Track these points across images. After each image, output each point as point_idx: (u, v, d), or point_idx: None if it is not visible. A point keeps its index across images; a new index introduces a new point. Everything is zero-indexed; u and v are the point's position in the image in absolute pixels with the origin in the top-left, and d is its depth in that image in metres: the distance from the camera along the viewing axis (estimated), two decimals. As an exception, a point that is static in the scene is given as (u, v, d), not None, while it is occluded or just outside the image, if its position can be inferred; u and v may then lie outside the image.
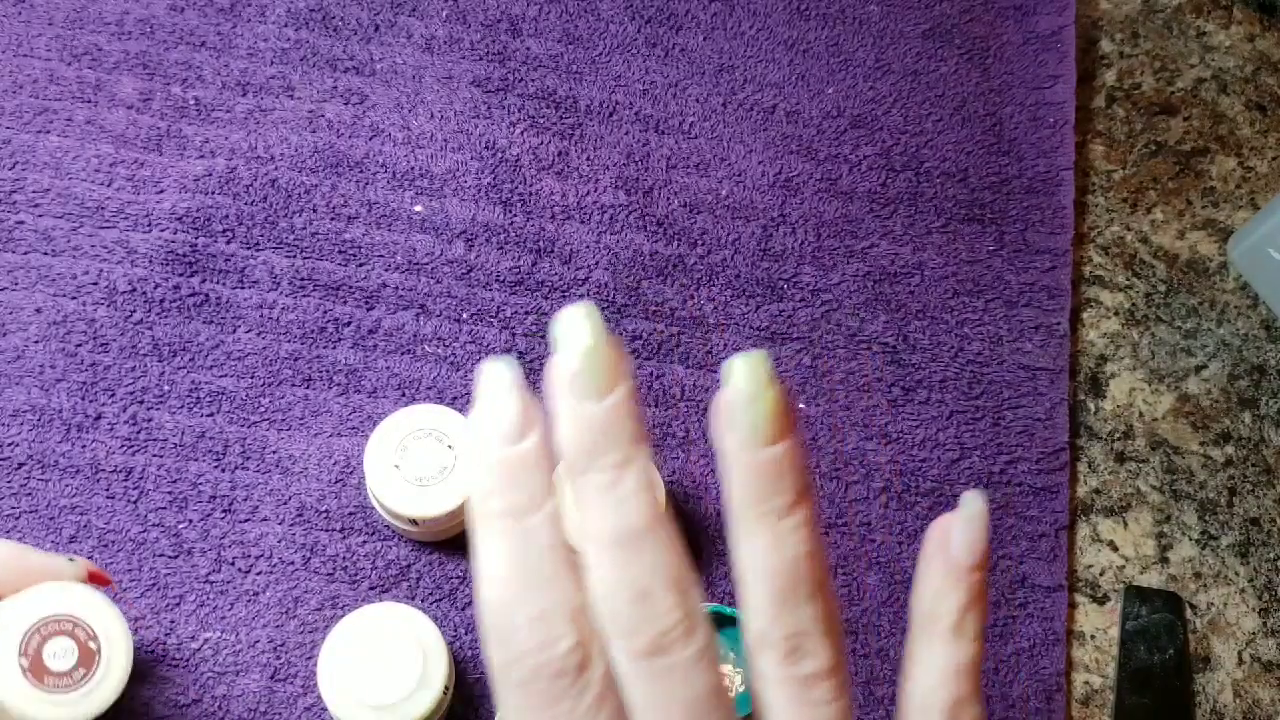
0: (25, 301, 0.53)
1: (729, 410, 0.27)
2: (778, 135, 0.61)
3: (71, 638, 0.39)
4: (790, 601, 0.26)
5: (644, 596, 0.26)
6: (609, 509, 0.26)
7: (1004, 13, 0.65)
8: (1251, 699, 0.53)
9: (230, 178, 0.56)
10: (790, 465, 0.27)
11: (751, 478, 0.27)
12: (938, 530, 0.29)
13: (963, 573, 0.28)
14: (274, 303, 0.54)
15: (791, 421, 0.27)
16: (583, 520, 0.27)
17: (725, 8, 0.64)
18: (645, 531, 0.26)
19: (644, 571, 0.26)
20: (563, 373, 0.26)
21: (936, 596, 0.28)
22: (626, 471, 0.26)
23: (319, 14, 0.61)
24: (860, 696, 0.50)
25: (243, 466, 0.51)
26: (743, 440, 0.27)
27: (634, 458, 0.26)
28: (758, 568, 0.27)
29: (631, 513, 0.26)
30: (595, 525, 0.26)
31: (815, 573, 0.27)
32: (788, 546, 0.26)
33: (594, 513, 0.26)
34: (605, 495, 0.26)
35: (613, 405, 0.26)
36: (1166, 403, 0.58)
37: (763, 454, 0.26)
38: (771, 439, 0.26)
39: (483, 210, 0.57)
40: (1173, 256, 0.62)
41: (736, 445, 0.27)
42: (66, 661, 0.39)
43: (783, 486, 0.27)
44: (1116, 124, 0.65)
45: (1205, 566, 0.55)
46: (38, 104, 0.57)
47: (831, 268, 0.58)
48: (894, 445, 0.55)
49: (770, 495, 0.27)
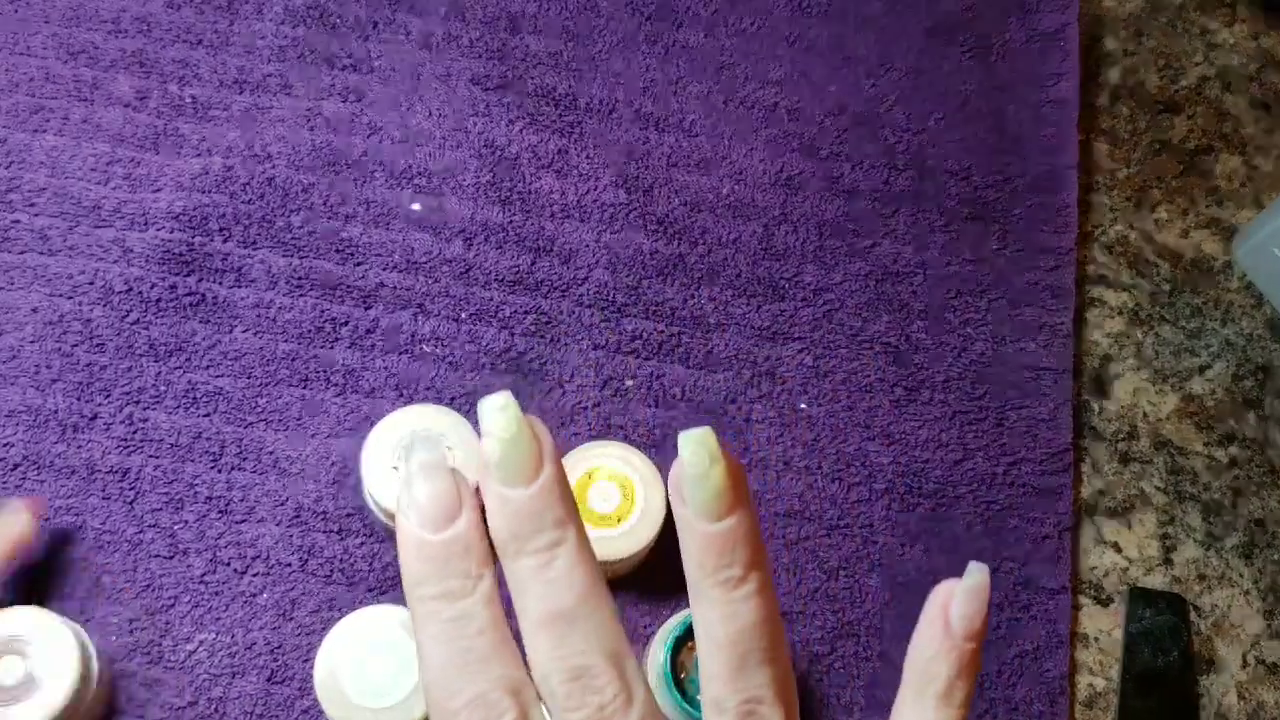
0: (21, 301, 0.53)
1: (680, 484, 0.28)
2: (779, 133, 0.60)
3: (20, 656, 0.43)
4: (744, 669, 0.27)
5: (580, 673, 0.27)
6: (541, 591, 0.27)
7: (1007, 10, 0.65)
8: (1256, 701, 0.52)
9: (227, 176, 0.56)
10: (742, 537, 0.28)
11: (704, 550, 0.28)
12: (941, 594, 0.30)
13: (957, 642, 0.29)
14: (271, 302, 0.54)
15: (741, 493, 0.28)
16: (516, 602, 0.28)
17: (726, 4, 0.63)
18: (578, 609, 0.27)
19: (578, 649, 0.27)
20: (486, 461, 0.27)
21: (930, 660, 0.29)
22: (557, 552, 0.27)
23: (316, 11, 0.60)
24: (862, 700, 0.50)
25: (239, 467, 0.51)
26: (694, 514, 0.28)
27: (563, 539, 0.27)
28: (713, 635, 0.28)
29: (563, 592, 0.27)
30: (529, 607, 0.27)
31: (768, 639, 0.28)
32: (741, 615, 0.28)
33: (527, 595, 0.27)
34: (537, 578, 0.27)
35: (538, 490, 0.27)
36: (1171, 403, 0.58)
37: (714, 527, 0.27)
38: (721, 514, 0.27)
39: (481, 209, 0.57)
40: (1177, 255, 0.61)
41: (689, 518, 0.28)
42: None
43: (735, 558, 0.27)
44: (1120, 122, 0.64)
45: (1209, 568, 0.55)
46: (33, 102, 0.57)
47: (833, 267, 0.58)
48: (896, 446, 0.54)
49: (723, 567, 0.27)
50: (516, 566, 0.27)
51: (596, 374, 0.54)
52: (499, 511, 0.27)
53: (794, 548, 0.52)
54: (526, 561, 0.27)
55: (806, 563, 0.52)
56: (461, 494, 0.28)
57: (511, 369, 0.54)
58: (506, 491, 0.27)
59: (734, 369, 0.55)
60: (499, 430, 0.27)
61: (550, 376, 0.54)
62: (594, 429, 0.53)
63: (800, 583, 0.51)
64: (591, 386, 0.54)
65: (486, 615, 0.27)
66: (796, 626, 0.51)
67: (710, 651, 0.28)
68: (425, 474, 0.28)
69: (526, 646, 0.27)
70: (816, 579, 0.52)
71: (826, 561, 0.52)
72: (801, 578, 0.52)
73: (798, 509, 0.53)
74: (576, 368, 0.54)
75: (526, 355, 0.54)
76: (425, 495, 0.27)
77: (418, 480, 0.28)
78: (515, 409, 0.27)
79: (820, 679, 0.50)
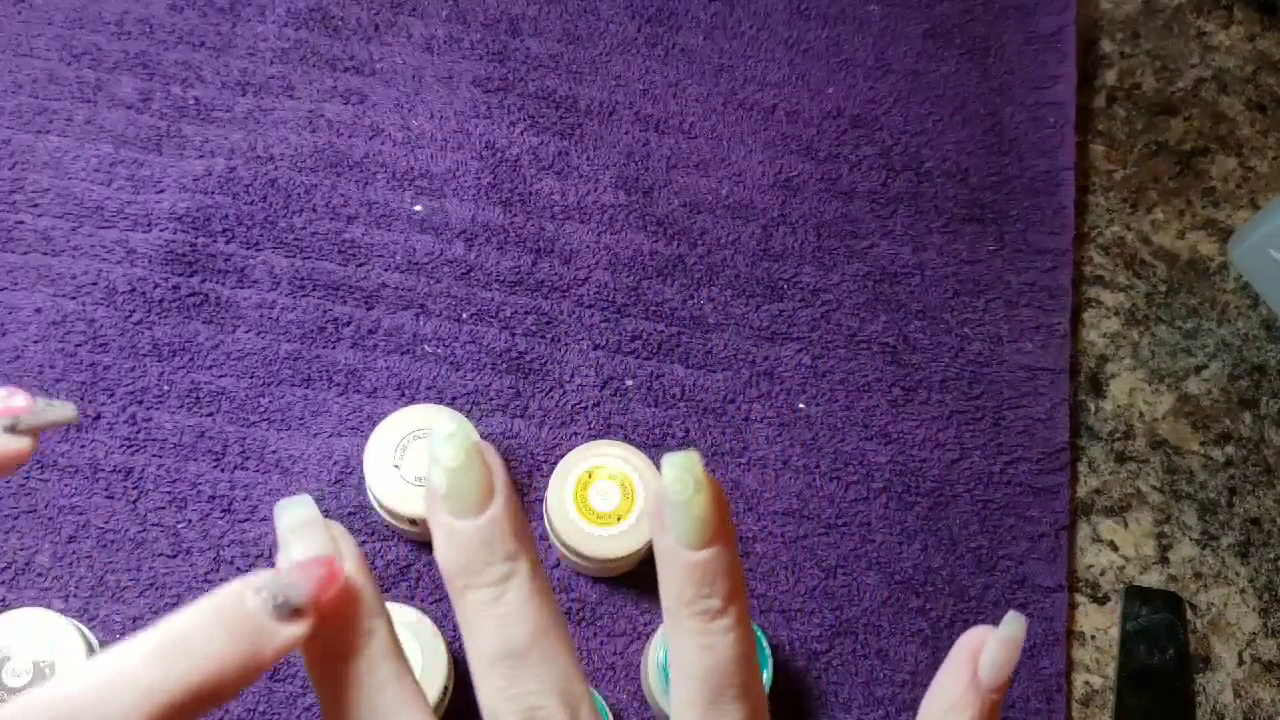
0: (25, 301, 0.53)
1: (661, 510, 0.27)
2: (778, 135, 0.61)
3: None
4: (718, 704, 0.27)
5: (532, 714, 0.26)
6: (492, 627, 0.26)
7: (1004, 13, 0.65)
8: (1252, 699, 0.53)
9: (230, 177, 0.56)
10: (722, 568, 0.27)
11: (683, 579, 0.27)
12: (972, 640, 0.28)
13: (982, 692, 0.28)
14: (273, 303, 0.54)
15: (724, 523, 0.27)
16: (466, 638, 0.27)
17: (725, 7, 0.64)
18: (530, 647, 0.26)
19: (530, 688, 0.26)
20: (433, 492, 0.26)
21: (950, 709, 0.28)
22: (508, 586, 0.26)
23: (319, 14, 0.61)
24: (860, 697, 0.50)
25: (242, 466, 0.51)
26: (675, 542, 0.27)
27: (515, 572, 0.26)
28: (688, 666, 0.27)
29: (515, 629, 0.26)
30: (478, 643, 0.26)
31: (744, 674, 0.27)
32: (718, 648, 0.27)
33: (478, 631, 0.26)
34: (487, 613, 0.26)
35: (487, 522, 0.26)
36: (1167, 403, 0.58)
37: (694, 557, 0.26)
38: (702, 543, 0.26)
39: (482, 210, 0.57)
40: (1173, 256, 0.62)
41: (669, 545, 0.27)
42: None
43: (715, 589, 0.27)
44: (1117, 124, 0.65)
45: (1205, 566, 0.55)
46: (37, 104, 0.57)
47: (832, 268, 0.58)
48: (894, 445, 0.55)
49: (701, 597, 0.27)
50: (465, 601, 0.26)
51: (596, 374, 0.54)
52: (447, 543, 0.26)
53: (792, 546, 0.52)
54: (476, 595, 0.26)
55: (804, 561, 0.52)
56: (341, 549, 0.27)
57: (512, 369, 0.54)
58: (455, 522, 0.26)
59: (733, 369, 0.55)
60: (446, 459, 0.26)
61: (550, 376, 0.54)
62: (594, 429, 0.53)
63: (798, 581, 0.52)
64: (591, 386, 0.54)
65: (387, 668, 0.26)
66: (795, 624, 0.51)
67: (684, 682, 0.27)
68: (298, 536, 0.27)
69: (476, 685, 0.26)
70: (815, 577, 0.52)
71: (825, 560, 0.52)
72: (800, 576, 0.52)
73: (796, 508, 0.53)
74: (576, 368, 0.54)
75: (527, 355, 0.54)
76: (302, 553, 0.26)
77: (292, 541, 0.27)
78: (465, 436, 0.26)
79: (818, 676, 0.50)
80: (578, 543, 0.47)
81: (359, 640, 0.26)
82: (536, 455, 0.53)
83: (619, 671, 0.49)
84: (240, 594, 0.24)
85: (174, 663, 0.23)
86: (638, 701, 0.49)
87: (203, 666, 0.23)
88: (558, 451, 0.52)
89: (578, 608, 0.50)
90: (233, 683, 0.24)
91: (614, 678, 0.49)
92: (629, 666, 0.50)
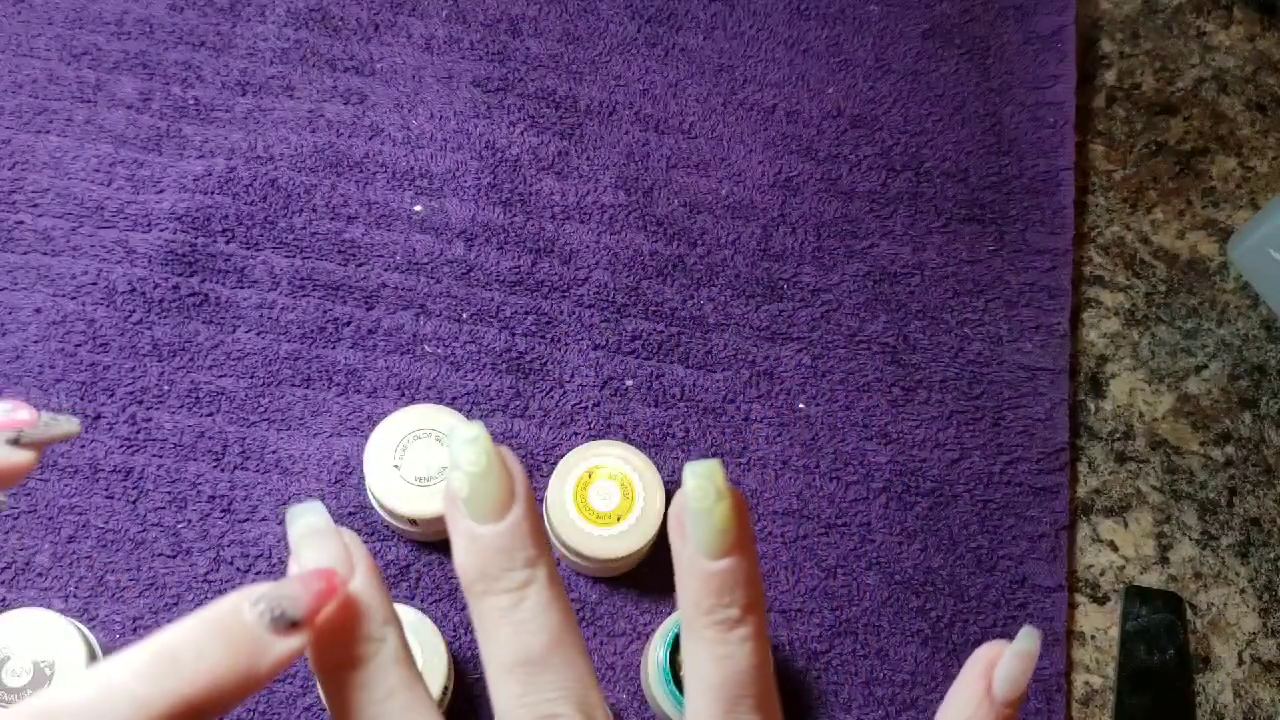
0: (25, 301, 0.53)
1: (682, 518, 0.27)
2: (778, 135, 0.61)
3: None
4: (734, 713, 0.26)
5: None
6: (510, 633, 0.26)
7: (1004, 13, 0.65)
8: (1252, 699, 0.53)
9: (230, 178, 0.56)
10: (741, 578, 0.26)
11: (702, 588, 0.27)
12: (987, 654, 0.28)
13: (996, 707, 0.28)
14: (273, 303, 0.54)
15: (745, 533, 0.27)
16: (482, 643, 0.26)
17: (725, 7, 0.64)
18: (548, 654, 0.26)
19: (547, 694, 0.26)
20: (453, 497, 0.26)
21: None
22: (527, 593, 0.26)
23: (319, 14, 0.61)
24: (860, 697, 0.50)
25: (242, 466, 0.51)
26: (695, 551, 0.26)
27: (534, 578, 0.26)
28: (704, 676, 0.27)
29: (533, 636, 0.26)
30: (495, 649, 0.26)
31: (760, 686, 0.27)
32: (735, 659, 0.26)
33: (495, 637, 0.26)
34: (505, 619, 0.26)
35: (507, 528, 0.26)
36: (1167, 403, 0.58)
37: (714, 566, 0.26)
38: (722, 552, 0.26)
39: (482, 210, 0.57)
40: (1173, 256, 0.62)
41: (689, 554, 0.27)
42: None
43: (734, 599, 0.26)
44: (1117, 124, 0.65)
45: (1205, 566, 0.55)
46: (37, 104, 0.57)
47: (831, 268, 0.58)
48: (894, 445, 0.55)
49: (720, 606, 0.26)
50: (484, 607, 0.26)
51: (596, 374, 0.54)
52: (466, 549, 0.26)
53: (792, 546, 0.52)
54: (495, 601, 0.26)
55: (804, 561, 0.52)
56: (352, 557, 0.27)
57: (513, 369, 0.54)
58: (475, 528, 0.26)
59: (733, 369, 0.55)
60: (468, 464, 0.26)
61: (550, 376, 0.54)
62: (594, 429, 0.53)
63: (798, 581, 0.52)
64: (591, 386, 0.54)
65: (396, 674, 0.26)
66: (795, 624, 0.51)
67: (700, 691, 0.27)
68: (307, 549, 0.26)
69: (492, 691, 0.26)
70: (815, 577, 0.52)
71: (824, 560, 0.52)
72: (800, 576, 0.52)
73: (796, 508, 0.53)
74: (576, 368, 0.54)
75: (527, 355, 0.54)
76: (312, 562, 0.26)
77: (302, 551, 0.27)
78: (486, 441, 0.26)
79: (818, 676, 0.50)
80: (578, 543, 0.47)
81: (368, 648, 0.26)
82: (536, 455, 0.53)
83: (619, 671, 0.49)
84: (237, 606, 0.24)
85: (170, 675, 0.23)
86: (638, 701, 0.49)
87: (199, 679, 0.23)
88: (558, 451, 0.52)
89: (578, 608, 0.50)
90: (229, 695, 0.24)
91: (614, 678, 0.49)
92: (629, 666, 0.50)
